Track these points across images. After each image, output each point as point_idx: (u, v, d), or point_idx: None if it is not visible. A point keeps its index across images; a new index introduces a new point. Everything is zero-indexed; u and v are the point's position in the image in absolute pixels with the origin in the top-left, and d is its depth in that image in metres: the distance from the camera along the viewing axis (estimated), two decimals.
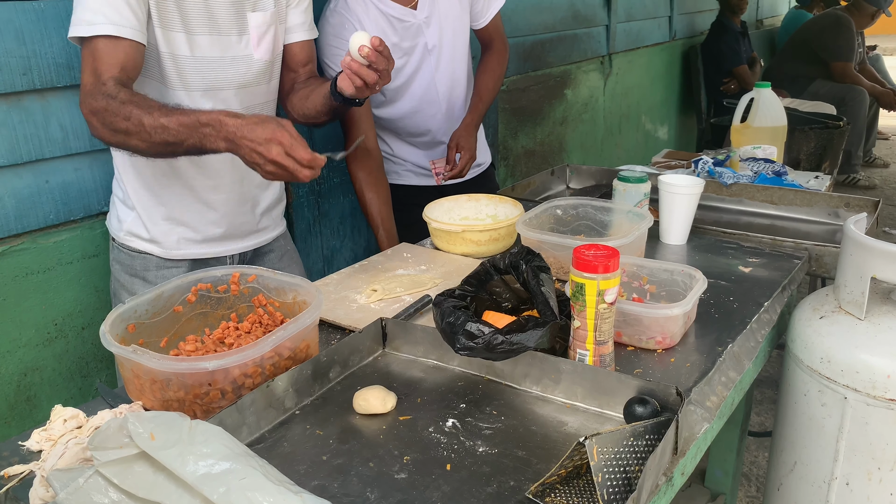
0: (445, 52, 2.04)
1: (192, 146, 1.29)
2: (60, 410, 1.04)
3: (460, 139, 2.04)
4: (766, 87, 2.66)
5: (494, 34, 2.19)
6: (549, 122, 3.82)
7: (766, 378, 2.98)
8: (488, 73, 2.16)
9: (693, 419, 1.08)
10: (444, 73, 2.06)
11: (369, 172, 1.97)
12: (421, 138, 2.12)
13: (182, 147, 1.30)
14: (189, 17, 1.41)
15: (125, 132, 1.30)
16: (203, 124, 1.27)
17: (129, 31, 1.33)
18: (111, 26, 1.32)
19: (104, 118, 1.30)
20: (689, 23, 5.43)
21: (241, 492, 0.76)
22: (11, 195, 1.59)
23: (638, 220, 1.57)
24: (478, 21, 2.14)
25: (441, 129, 2.12)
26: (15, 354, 1.65)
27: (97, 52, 1.33)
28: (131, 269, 1.58)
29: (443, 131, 2.12)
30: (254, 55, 1.52)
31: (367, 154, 1.97)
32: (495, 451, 0.99)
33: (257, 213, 1.67)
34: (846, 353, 1.30)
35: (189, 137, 1.28)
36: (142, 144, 1.31)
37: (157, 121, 1.28)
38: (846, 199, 1.94)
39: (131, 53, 1.35)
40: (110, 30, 1.31)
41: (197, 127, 1.27)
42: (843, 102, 5.13)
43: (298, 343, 1.13)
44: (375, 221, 1.97)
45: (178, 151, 1.32)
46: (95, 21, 1.31)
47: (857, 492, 1.33)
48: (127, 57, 1.34)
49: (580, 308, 1.09)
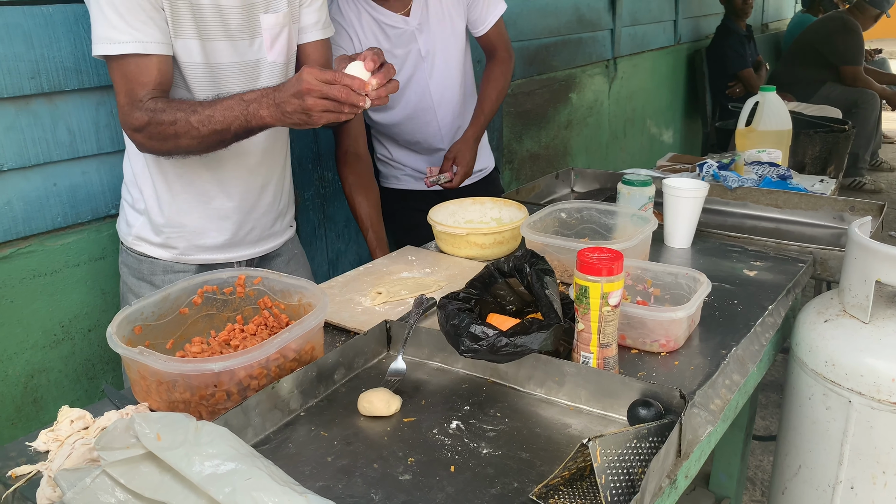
0: (439, 59, 2.04)
1: (240, 127, 1.31)
2: (67, 411, 1.05)
3: (458, 153, 2.03)
4: (771, 91, 2.66)
5: (497, 42, 2.15)
6: (553, 126, 3.83)
7: (772, 382, 2.98)
8: (491, 84, 2.12)
9: (697, 422, 1.08)
10: (438, 81, 2.06)
11: (359, 176, 1.98)
12: (417, 145, 2.13)
13: (230, 132, 1.32)
14: (203, 23, 1.41)
15: (174, 136, 1.33)
16: (247, 100, 1.29)
17: (154, 47, 1.34)
18: (137, 44, 1.32)
19: (151, 131, 1.34)
20: (695, 26, 5.43)
21: (247, 492, 0.77)
22: (19, 198, 1.61)
23: (642, 224, 1.57)
24: (477, 28, 2.11)
25: (436, 136, 2.12)
26: (22, 356, 1.66)
27: (128, 72, 1.34)
28: (139, 272, 1.59)
29: (438, 138, 2.12)
30: (267, 58, 1.52)
31: (356, 159, 1.98)
32: (499, 452, 0.99)
33: (268, 219, 1.67)
34: (851, 357, 1.30)
35: (235, 119, 1.30)
36: (193, 142, 1.34)
37: (201, 114, 1.30)
38: (851, 203, 1.94)
39: (163, 68, 1.36)
40: (137, 48, 1.32)
41: (241, 105, 1.29)
42: (854, 105, 5.12)
43: (304, 345, 1.14)
44: (364, 224, 1.98)
45: (227, 138, 1.34)
46: (120, 39, 1.31)
47: (862, 496, 1.33)
48: (159, 72, 1.36)
49: (584, 311, 1.09)
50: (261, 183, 1.61)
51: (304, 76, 1.23)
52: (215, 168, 1.52)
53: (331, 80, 1.22)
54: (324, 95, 1.22)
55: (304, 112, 1.24)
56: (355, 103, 1.24)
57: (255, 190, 1.61)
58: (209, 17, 1.41)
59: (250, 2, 1.45)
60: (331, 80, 1.22)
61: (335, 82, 1.22)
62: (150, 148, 1.39)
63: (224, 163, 1.53)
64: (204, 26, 1.41)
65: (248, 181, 1.58)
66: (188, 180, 1.52)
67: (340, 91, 1.22)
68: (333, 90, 1.22)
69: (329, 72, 1.23)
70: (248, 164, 1.57)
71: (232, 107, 1.30)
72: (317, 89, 1.22)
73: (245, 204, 1.60)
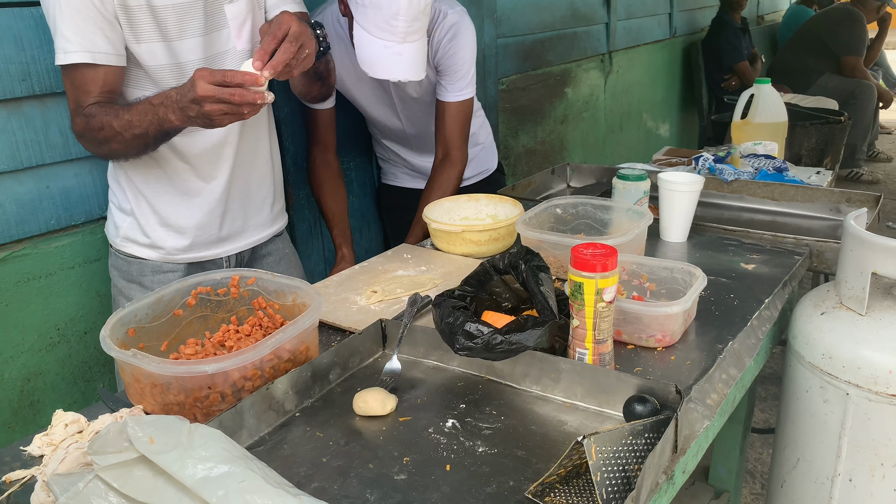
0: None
1: (157, 131, 1.32)
2: (62, 415, 1.05)
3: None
4: (766, 83, 2.66)
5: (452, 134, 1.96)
6: (549, 121, 3.82)
7: (770, 374, 2.98)
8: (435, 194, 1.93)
9: (693, 417, 1.07)
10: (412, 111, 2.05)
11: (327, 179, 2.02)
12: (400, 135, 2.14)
13: (150, 136, 1.34)
14: (165, 25, 1.40)
15: (105, 141, 1.36)
16: (155, 105, 1.30)
17: (103, 58, 1.36)
18: (86, 54, 1.34)
19: (87, 137, 1.38)
20: (690, 19, 5.42)
21: (240, 495, 0.77)
22: (12, 201, 1.60)
23: (638, 218, 1.57)
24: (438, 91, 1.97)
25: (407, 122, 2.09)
26: (18, 360, 1.66)
27: (76, 81, 1.38)
28: (128, 274, 1.59)
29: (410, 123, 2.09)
30: (237, 47, 1.51)
31: (326, 165, 2.02)
32: (495, 451, 0.99)
33: (251, 211, 1.67)
34: (848, 349, 1.30)
35: (150, 124, 1.31)
36: (121, 147, 1.37)
37: (122, 119, 1.33)
38: (847, 195, 1.94)
39: (109, 77, 1.39)
40: (86, 58, 1.34)
41: (152, 110, 1.30)
42: (852, 96, 5.12)
43: (298, 345, 1.13)
44: (331, 223, 2.02)
45: (149, 142, 1.36)
46: (70, 49, 1.34)
47: (861, 488, 1.33)
48: (105, 81, 1.38)
49: (579, 307, 1.09)
50: (245, 174, 1.61)
51: (196, 81, 1.21)
52: (193, 161, 1.52)
53: (221, 81, 1.21)
54: (218, 100, 1.21)
55: (205, 116, 1.24)
56: (252, 102, 1.22)
57: (236, 180, 1.60)
58: (171, 19, 1.40)
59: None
60: (221, 82, 1.21)
61: (227, 83, 1.20)
62: (94, 152, 1.43)
63: (201, 156, 1.53)
64: (166, 28, 1.41)
65: (230, 171, 1.58)
66: (168, 176, 1.53)
67: (234, 93, 1.21)
68: (226, 93, 1.21)
69: (219, 72, 1.21)
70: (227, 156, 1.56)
71: (145, 111, 1.31)
72: (210, 94, 1.21)
73: (227, 195, 1.60)
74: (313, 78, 1.58)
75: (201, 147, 1.52)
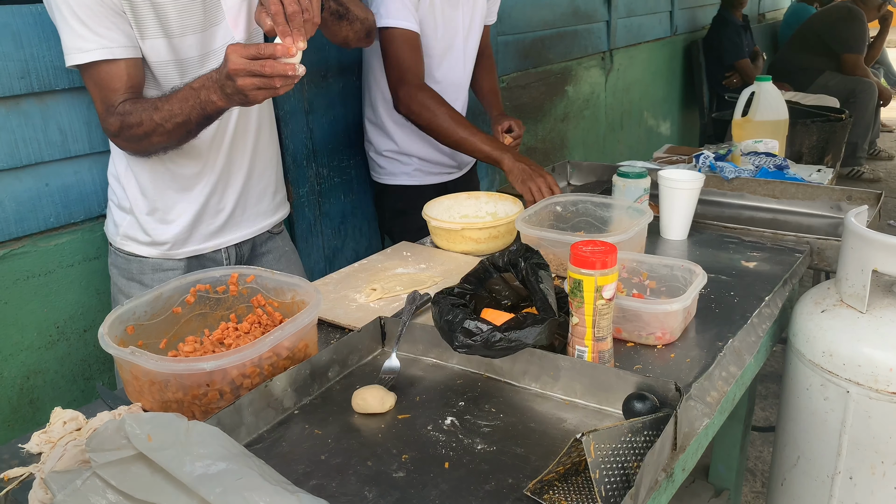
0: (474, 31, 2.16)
1: (199, 115, 1.31)
2: (60, 413, 1.05)
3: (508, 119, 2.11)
4: (767, 81, 2.65)
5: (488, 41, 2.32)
6: (550, 119, 3.81)
7: (771, 372, 2.97)
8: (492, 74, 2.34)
9: (693, 415, 1.07)
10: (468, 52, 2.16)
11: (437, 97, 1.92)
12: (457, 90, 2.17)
13: (192, 122, 1.33)
14: (167, 21, 1.39)
15: (146, 136, 1.35)
16: (196, 89, 1.29)
17: (121, 51, 1.34)
18: (105, 50, 1.32)
19: (125, 135, 1.36)
20: (691, 17, 5.41)
21: (238, 492, 0.76)
22: (11, 198, 1.60)
23: (638, 216, 1.56)
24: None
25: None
26: (17, 357, 1.66)
27: (99, 80, 1.35)
28: (128, 272, 1.59)
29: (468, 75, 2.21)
30: (234, 37, 1.49)
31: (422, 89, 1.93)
32: (494, 448, 0.98)
33: (251, 199, 1.66)
34: (848, 347, 1.29)
35: (192, 109, 1.30)
36: (163, 139, 1.36)
37: (163, 110, 1.31)
38: (848, 192, 1.93)
39: (132, 71, 1.37)
40: (105, 54, 1.32)
41: (193, 94, 1.29)
42: (852, 94, 5.11)
43: (297, 343, 1.13)
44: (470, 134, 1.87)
45: (191, 129, 1.35)
46: (87, 48, 1.32)
47: (861, 486, 1.32)
48: (129, 75, 1.37)
49: (578, 304, 1.09)
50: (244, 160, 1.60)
51: (229, 56, 1.21)
52: (191, 149, 1.51)
53: (254, 54, 1.20)
54: (251, 73, 1.20)
55: (240, 92, 1.23)
56: (284, 73, 1.20)
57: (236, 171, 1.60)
58: (171, 15, 1.40)
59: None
60: (254, 55, 1.20)
61: (259, 56, 1.19)
62: (132, 150, 1.41)
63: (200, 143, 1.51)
64: (168, 24, 1.40)
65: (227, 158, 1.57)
66: (170, 173, 1.52)
67: (265, 65, 1.19)
68: (257, 66, 1.19)
69: (253, 46, 1.20)
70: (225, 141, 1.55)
71: (186, 97, 1.30)
72: (243, 68, 1.20)
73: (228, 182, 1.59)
74: (335, 19, 1.56)
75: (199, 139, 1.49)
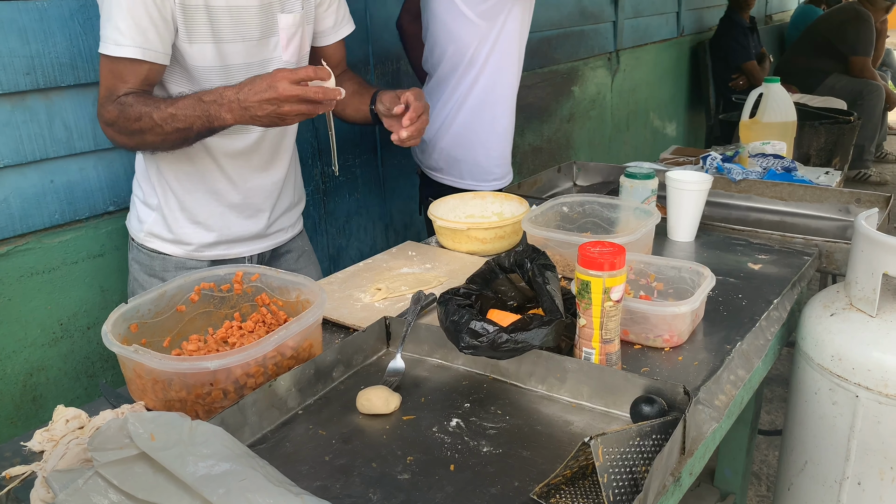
0: None
1: (202, 127, 1.32)
2: (63, 411, 1.04)
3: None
4: (775, 83, 2.63)
5: None
6: (556, 120, 3.80)
7: (777, 376, 2.96)
8: None
9: (701, 418, 1.06)
10: None
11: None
12: None
13: (193, 131, 1.33)
14: (219, 27, 1.40)
15: (139, 132, 1.34)
16: (206, 101, 1.30)
17: (153, 55, 1.35)
18: (138, 50, 1.33)
19: (118, 125, 1.36)
20: (698, 18, 5.39)
21: (241, 493, 0.76)
22: (16, 195, 1.59)
23: (645, 217, 1.55)
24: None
25: None
26: (21, 354, 1.65)
27: (118, 71, 1.36)
28: (150, 269, 1.58)
29: None
30: (282, 57, 1.51)
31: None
32: (500, 451, 0.97)
33: (277, 213, 1.66)
34: (858, 351, 1.28)
35: (197, 119, 1.31)
36: (157, 139, 1.35)
37: (164, 112, 1.32)
38: (857, 195, 1.92)
39: (152, 74, 1.38)
40: (137, 53, 1.33)
41: (202, 106, 1.30)
42: (860, 97, 5.09)
43: (301, 342, 1.12)
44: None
45: (189, 137, 1.36)
46: (123, 42, 1.32)
47: (870, 492, 1.31)
48: (147, 77, 1.38)
49: (586, 306, 1.08)
50: (273, 176, 1.61)
51: (277, 84, 1.25)
52: (226, 163, 1.52)
53: (304, 78, 1.25)
54: (301, 100, 1.25)
55: (277, 116, 1.27)
56: (333, 97, 1.28)
57: (267, 183, 1.61)
58: (225, 21, 1.40)
59: (267, 1, 1.44)
60: (304, 79, 1.25)
61: (310, 78, 1.26)
62: (121, 143, 1.40)
63: (234, 157, 1.53)
64: (219, 30, 1.40)
65: (260, 174, 1.59)
66: (199, 174, 1.52)
67: (317, 92, 1.25)
68: (311, 92, 1.25)
69: (300, 70, 1.25)
70: (258, 158, 1.57)
71: (192, 106, 1.31)
72: (293, 95, 1.25)
73: (255, 197, 1.60)
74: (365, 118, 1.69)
75: (233, 149, 1.52)
